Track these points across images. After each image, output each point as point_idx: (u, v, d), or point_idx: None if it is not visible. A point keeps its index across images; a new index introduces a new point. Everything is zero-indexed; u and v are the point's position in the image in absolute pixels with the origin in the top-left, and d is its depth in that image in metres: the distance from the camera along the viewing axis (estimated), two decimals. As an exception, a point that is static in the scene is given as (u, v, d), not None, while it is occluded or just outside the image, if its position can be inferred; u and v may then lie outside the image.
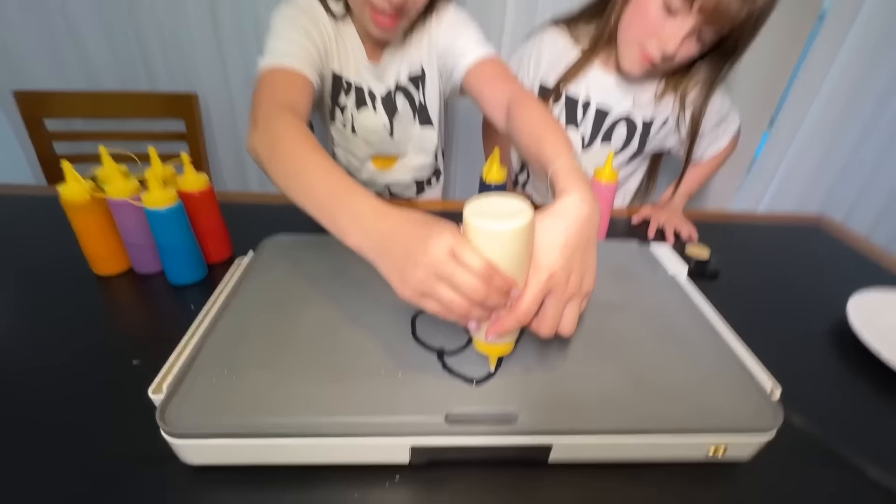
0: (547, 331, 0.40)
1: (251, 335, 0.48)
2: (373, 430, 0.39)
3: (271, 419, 0.39)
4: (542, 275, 0.38)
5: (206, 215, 0.68)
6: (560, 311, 0.40)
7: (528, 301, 0.38)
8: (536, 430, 0.40)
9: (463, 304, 0.35)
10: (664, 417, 0.41)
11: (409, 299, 0.38)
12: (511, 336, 0.43)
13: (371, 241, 0.40)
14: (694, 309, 0.56)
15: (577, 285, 0.40)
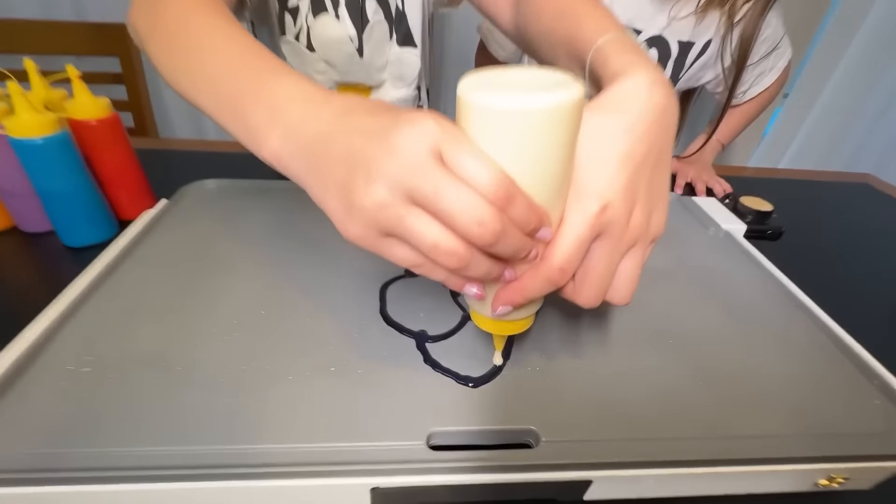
0: (591, 296, 0.25)
1: (141, 314, 0.32)
2: (312, 467, 0.24)
3: (150, 450, 0.24)
4: (589, 205, 0.23)
5: (112, 154, 0.51)
6: (614, 265, 0.25)
7: (568, 248, 0.23)
8: (567, 459, 0.25)
9: (456, 250, 0.20)
10: (754, 437, 0.28)
11: (360, 242, 0.22)
12: (531, 308, 0.28)
13: (296, 144, 0.24)
14: (768, 277, 0.42)
15: (642, 224, 0.24)
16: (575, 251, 0.23)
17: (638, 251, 0.25)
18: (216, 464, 0.24)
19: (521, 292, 0.24)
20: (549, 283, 0.24)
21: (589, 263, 0.24)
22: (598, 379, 0.30)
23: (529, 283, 0.24)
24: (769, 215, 0.50)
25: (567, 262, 0.23)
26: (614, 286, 0.26)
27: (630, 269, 0.25)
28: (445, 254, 0.20)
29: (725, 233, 0.48)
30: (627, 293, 0.26)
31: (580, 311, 0.36)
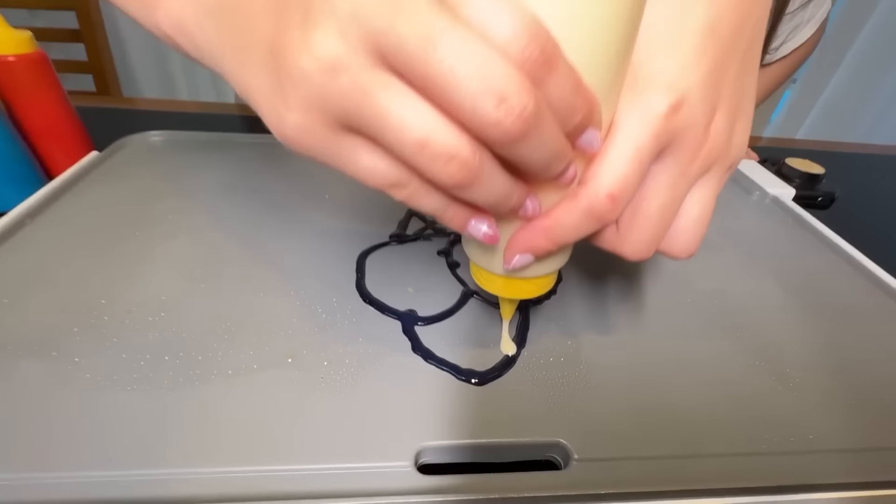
0: (643, 243, 0.17)
1: (35, 288, 0.25)
2: (254, 496, 0.17)
3: (25, 478, 0.17)
4: (655, 102, 0.15)
5: (39, 99, 0.42)
6: (679, 197, 0.17)
7: (623, 165, 0.15)
8: (608, 485, 0.18)
9: (458, 150, 0.12)
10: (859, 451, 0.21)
11: (306, 143, 0.14)
12: (555, 260, 0.20)
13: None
14: (829, 246, 0.35)
15: (723, 138, 0.17)
16: (632, 170, 0.15)
17: (713, 179, 0.18)
18: (116, 499, 0.16)
19: (549, 233, 0.16)
20: (592, 219, 0.16)
21: (645, 194, 0.17)
22: (641, 375, 0.23)
23: (562, 220, 0.16)
24: (819, 179, 0.43)
25: (621, 187, 0.15)
26: (676, 230, 0.18)
27: (701, 204, 0.18)
28: (440, 158, 0.12)
29: (772, 197, 0.40)
30: (694, 240, 0.18)
31: (609, 286, 0.29)
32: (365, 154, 0.14)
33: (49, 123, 0.43)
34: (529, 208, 0.16)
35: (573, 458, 0.19)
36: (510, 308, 0.23)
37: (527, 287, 0.21)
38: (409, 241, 0.31)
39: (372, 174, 0.14)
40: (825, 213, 0.44)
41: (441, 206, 0.15)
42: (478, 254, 0.20)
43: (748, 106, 0.18)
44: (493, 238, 0.16)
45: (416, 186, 0.14)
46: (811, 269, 0.32)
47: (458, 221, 0.16)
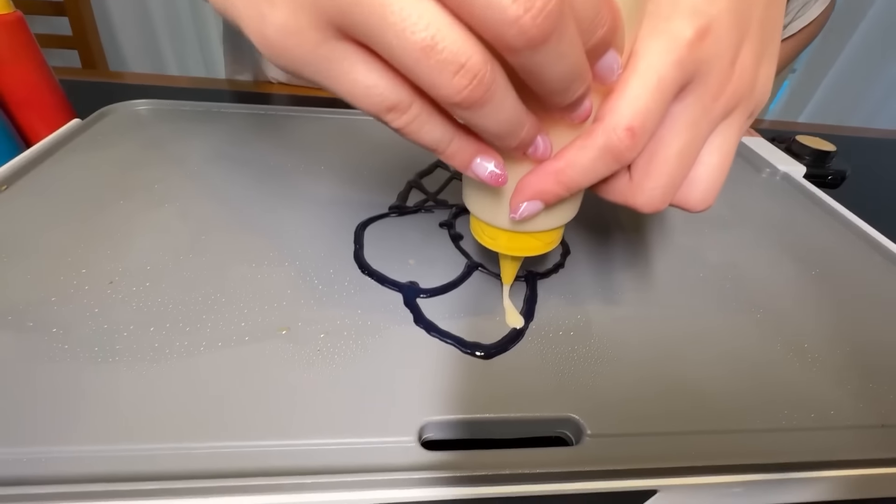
0: (657, 191, 0.16)
1: (10, 255, 0.23)
2: (243, 480, 0.16)
3: (5, 451, 0.15)
4: (679, 29, 0.14)
5: (16, 64, 0.40)
6: (700, 139, 0.16)
7: (645, 96, 0.14)
8: (622, 461, 0.17)
9: (469, 55, 0.11)
10: (880, 427, 0.20)
11: (292, 50, 0.12)
12: (563, 211, 0.18)
13: None
14: (843, 223, 0.33)
15: (749, 75, 0.16)
16: (655, 102, 0.14)
17: (735, 123, 0.16)
18: (98, 474, 0.15)
19: (561, 176, 0.15)
20: (608, 158, 0.14)
21: (662, 136, 0.15)
22: (654, 350, 0.22)
23: (576, 160, 0.15)
24: (830, 156, 0.42)
25: (642, 120, 0.14)
26: (694, 178, 0.17)
27: (721, 151, 0.16)
28: (448, 67, 0.11)
29: (783, 174, 0.39)
30: (712, 190, 0.17)
31: (619, 260, 0.27)
32: (360, 66, 0.12)
33: (27, 90, 0.41)
34: (540, 146, 0.14)
35: (586, 433, 0.18)
36: (512, 270, 0.22)
37: (532, 243, 0.19)
38: (410, 212, 0.29)
39: (367, 92, 0.12)
40: (835, 192, 0.43)
41: (445, 137, 0.14)
42: (480, 206, 0.19)
43: (774, 46, 0.17)
44: (500, 179, 0.15)
45: (417, 110, 0.13)
46: (824, 246, 0.31)
47: (463, 157, 0.14)
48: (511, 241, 0.19)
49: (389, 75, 0.12)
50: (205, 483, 0.15)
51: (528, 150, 0.15)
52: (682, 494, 0.18)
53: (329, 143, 0.37)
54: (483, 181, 0.15)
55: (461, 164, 0.15)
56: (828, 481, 0.19)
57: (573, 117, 0.14)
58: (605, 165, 0.15)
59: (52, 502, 0.15)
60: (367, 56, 0.12)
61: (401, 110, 0.13)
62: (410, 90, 0.12)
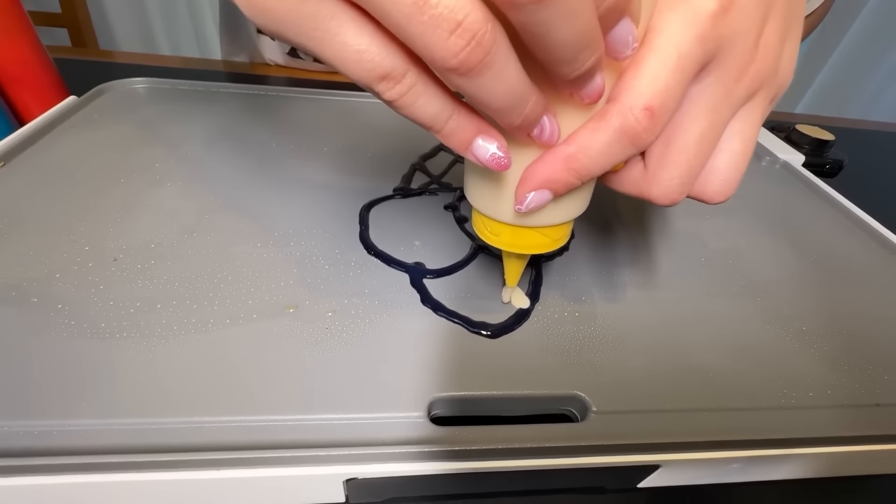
0: (675, 181, 0.15)
1: (11, 233, 0.23)
2: (257, 452, 0.16)
3: (11, 425, 0.15)
4: (701, 4, 0.13)
5: (9, 41, 0.39)
6: (721, 124, 0.15)
7: (664, 74, 0.13)
8: (627, 437, 0.18)
9: (467, 13, 0.10)
10: (877, 406, 0.20)
11: (277, 8, 0.11)
12: (574, 203, 0.17)
13: None
14: (840, 211, 0.34)
15: (773, 56, 0.15)
16: (675, 80, 0.13)
17: (758, 108, 0.15)
18: (109, 446, 0.15)
19: (571, 161, 0.14)
20: (624, 141, 0.13)
21: (680, 120, 0.14)
22: (658, 330, 0.22)
23: (588, 143, 0.13)
24: (829, 146, 0.42)
25: (661, 99, 0.13)
26: (713, 167, 0.16)
27: (743, 136, 0.15)
28: (443, 24, 0.09)
29: (783, 163, 0.39)
30: (732, 180, 0.16)
31: (622, 243, 0.28)
32: (350, 27, 0.11)
33: (21, 67, 0.40)
34: (547, 128, 0.13)
35: (591, 410, 0.18)
36: (517, 269, 0.21)
37: (538, 239, 0.18)
38: (414, 195, 0.29)
39: (357, 57, 0.11)
40: (832, 181, 0.44)
41: (443, 112, 0.12)
42: (482, 197, 0.17)
43: (798, 25, 0.16)
44: (503, 163, 0.13)
45: (412, 80, 0.11)
46: (822, 233, 0.32)
47: (462, 136, 0.13)
48: (515, 237, 0.18)
49: (382, 39, 0.11)
50: (215, 455, 0.15)
51: (534, 131, 0.13)
52: (683, 469, 0.19)
53: (330, 125, 0.36)
54: (484, 165, 0.14)
55: (460, 145, 0.13)
56: (824, 457, 0.19)
57: (583, 95, 0.13)
58: (620, 149, 0.14)
59: (63, 473, 0.15)
60: (357, 15, 0.11)
61: (394, 79, 0.11)
62: (406, 57, 0.11)
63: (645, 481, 0.19)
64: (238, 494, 0.17)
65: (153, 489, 0.16)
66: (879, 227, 0.32)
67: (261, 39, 0.58)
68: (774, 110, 0.78)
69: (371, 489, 0.17)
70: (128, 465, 0.15)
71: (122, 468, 0.15)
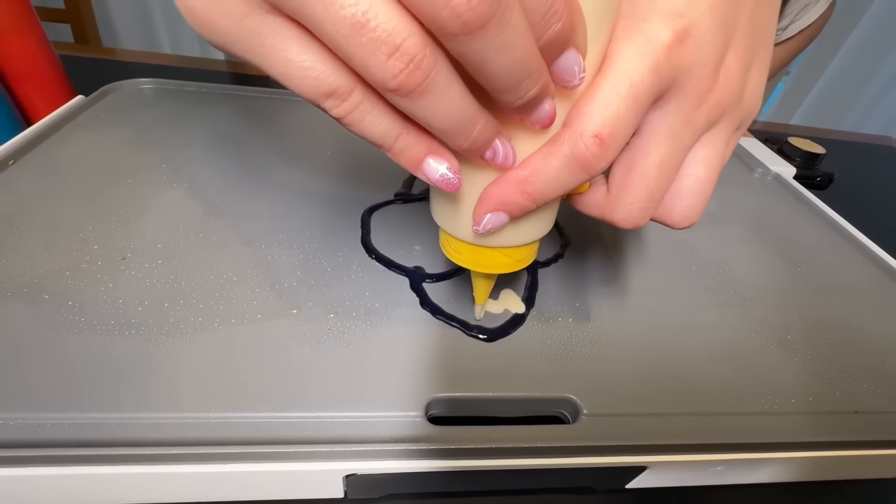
0: (635, 207, 0.15)
1: (23, 230, 0.23)
2: (258, 447, 0.16)
3: (27, 418, 0.16)
4: (656, 32, 0.13)
5: (17, 39, 0.39)
6: (681, 152, 0.15)
7: (615, 103, 0.13)
8: (616, 439, 0.18)
9: (402, 34, 0.10)
10: (861, 413, 0.21)
11: (219, 25, 0.11)
12: (536, 225, 0.17)
13: None
14: (829, 223, 0.35)
15: (735, 84, 0.15)
16: (626, 108, 0.13)
17: (721, 135, 0.15)
18: (118, 439, 0.16)
19: (525, 185, 0.14)
20: (575, 167, 0.13)
21: (641, 146, 0.14)
22: (648, 337, 0.23)
23: (540, 168, 0.14)
24: (820, 159, 0.43)
25: (611, 127, 0.13)
26: (677, 193, 0.16)
27: (706, 164, 0.15)
28: (381, 46, 0.10)
29: (774, 175, 0.40)
30: (696, 207, 0.16)
31: (615, 252, 0.28)
32: (292, 45, 0.11)
33: (27, 64, 0.40)
34: (500, 152, 0.13)
35: (583, 412, 0.19)
36: (484, 287, 0.20)
37: (500, 259, 0.18)
38: (415, 200, 0.30)
39: (302, 74, 0.11)
40: (822, 194, 0.45)
41: (391, 132, 0.12)
42: (443, 216, 0.17)
43: (765, 51, 0.16)
44: (452, 184, 0.13)
45: (359, 98, 0.11)
46: (810, 244, 0.33)
47: (411, 155, 0.13)
48: (476, 257, 0.17)
49: (328, 57, 0.11)
50: (219, 450, 0.16)
51: (487, 154, 0.13)
52: (670, 470, 0.19)
53: (334, 129, 0.37)
54: (434, 185, 0.14)
55: (410, 163, 0.13)
56: (804, 461, 0.20)
57: (531, 121, 0.13)
58: (571, 175, 0.14)
59: (74, 464, 0.15)
60: (302, 33, 0.11)
61: (340, 97, 0.11)
62: (352, 76, 0.11)
63: (633, 482, 0.20)
64: (242, 488, 0.17)
65: (159, 482, 0.17)
66: (865, 240, 0.33)
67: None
68: (768, 122, 0.79)
69: (369, 485, 0.18)
70: (135, 457, 0.16)
71: (129, 461, 0.16)
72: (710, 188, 0.16)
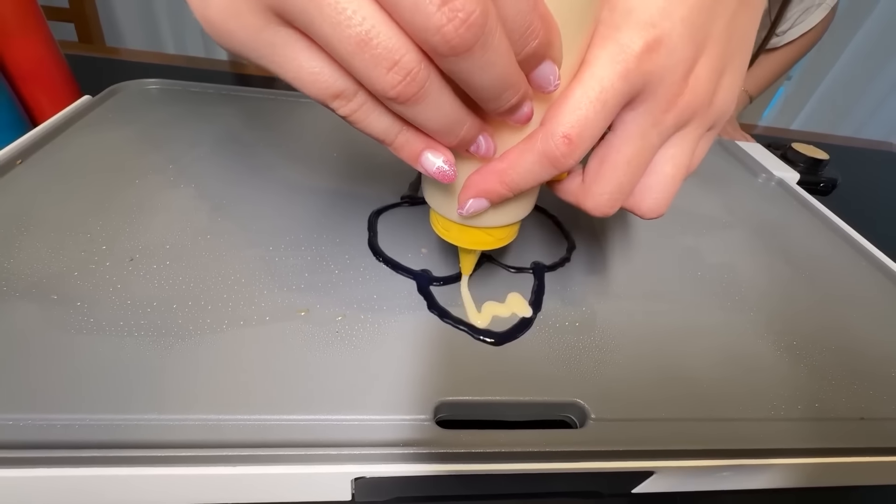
0: (605, 197, 0.17)
1: (31, 230, 0.23)
2: (268, 450, 0.16)
3: (34, 419, 0.16)
4: (628, 39, 0.14)
5: (24, 39, 0.40)
6: (649, 151, 0.16)
7: (584, 106, 0.14)
8: (624, 444, 0.19)
9: (400, 51, 0.11)
10: (864, 420, 0.21)
11: (234, 32, 0.12)
12: (515, 208, 0.19)
13: None
14: (833, 229, 0.35)
15: (705, 90, 0.16)
16: (594, 111, 0.14)
17: (690, 136, 0.17)
18: (127, 441, 0.16)
19: (503, 176, 0.16)
20: (546, 163, 0.15)
21: (612, 142, 0.16)
22: (655, 342, 0.23)
23: (516, 162, 0.15)
24: (823, 165, 0.43)
25: (579, 129, 0.14)
26: (646, 186, 0.17)
27: (674, 161, 0.17)
28: (381, 62, 0.11)
29: (778, 180, 0.41)
30: (663, 199, 0.17)
31: (621, 256, 0.29)
32: (303, 54, 0.12)
33: (34, 64, 0.41)
34: (483, 145, 0.15)
35: (590, 417, 0.19)
36: (469, 261, 0.23)
37: (483, 238, 0.20)
38: (421, 202, 0.30)
39: (313, 79, 0.12)
40: (825, 199, 0.45)
41: (392, 129, 0.14)
42: (434, 197, 0.19)
43: (740, 59, 0.17)
44: (448, 176, 0.15)
45: (362, 100, 0.13)
46: (814, 250, 0.33)
47: (411, 150, 0.14)
48: (462, 234, 0.20)
49: (333, 64, 0.12)
50: (229, 452, 0.16)
51: (472, 148, 0.15)
52: (676, 476, 0.19)
53: (339, 130, 0.37)
54: (431, 176, 0.15)
55: (409, 157, 0.15)
56: (810, 468, 0.20)
57: (511, 120, 0.14)
58: (543, 170, 0.15)
59: (83, 466, 0.15)
60: (311, 44, 0.12)
61: (346, 97, 0.13)
62: (355, 81, 0.12)
63: (639, 487, 0.20)
64: (249, 491, 0.17)
65: (166, 484, 0.17)
66: (869, 245, 0.33)
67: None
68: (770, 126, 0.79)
69: (377, 488, 0.18)
70: (142, 459, 0.16)
71: (136, 463, 0.16)
72: (678, 184, 0.18)
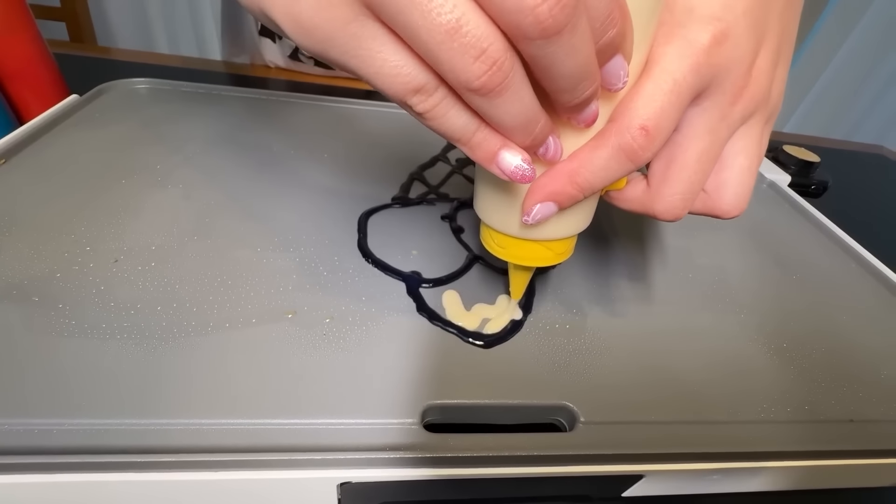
0: (677, 197, 0.16)
1: (11, 231, 0.23)
2: (253, 455, 0.16)
3: (16, 424, 0.16)
4: (696, 35, 0.14)
5: (10, 37, 0.39)
6: (719, 145, 0.16)
7: (659, 98, 0.14)
8: (613, 447, 0.18)
9: (490, 39, 0.11)
10: (856, 422, 0.21)
11: (321, 27, 0.12)
12: (578, 217, 0.18)
13: None
14: (824, 231, 0.35)
15: (765, 81, 0.16)
16: (670, 103, 0.14)
17: (755, 127, 0.17)
18: (110, 446, 0.16)
19: (574, 176, 0.15)
20: (622, 158, 0.15)
21: (680, 140, 0.16)
22: (645, 344, 0.23)
23: (589, 160, 0.15)
24: (814, 167, 0.44)
25: (656, 119, 0.14)
26: (723, 182, 0.17)
27: (746, 153, 0.17)
28: (470, 50, 0.11)
29: (769, 182, 0.41)
30: (743, 193, 0.17)
31: (612, 259, 0.28)
32: (387, 47, 0.12)
33: (21, 63, 0.40)
34: (551, 147, 0.14)
35: (579, 420, 0.19)
36: (522, 282, 0.22)
37: (543, 253, 0.19)
38: (413, 204, 0.30)
39: (395, 72, 0.12)
40: (816, 202, 0.45)
41: (469, 126, 0.13)
42: (490, 212, 0.18)
43: (788, 50, 0.17)
44: (527, 176, 0.14)
45: (442, 95, 0.13)
46: (805, 252, 0.33)
47: (487, 149, 0.14)
48: (520, 250, 0.19)
49: (414, 58, 0.12)
50: (212, 457, 0.16)
51: (540, 150, 0.15)
52: (666, 479, 0.19)
53: (330, 132, 0.37)
54: (508, 177, 0.14)
55: (485, 157, 0.14)
56: (800, 470, 0.20)
57: (579, 119, 0.14)
58: (618, 165, 0.15)
59: (62, 472, 0.15)
60: (393, 37, 0.12)
61: (426, 92, 0.12)
62: (434, 76, 0.12)
63: (629, 490, 0.20)
64: (234, 496, 0.17)
65: (150, 490, 0.16)
66: (860, 248, 0.33)
67: (262, 41, 0.58)
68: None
69: (364, 493, 0.18)
70: (125, 464, 0.15)
71: (119, 468, 0.15)
72: (753, 176, 0.18)
